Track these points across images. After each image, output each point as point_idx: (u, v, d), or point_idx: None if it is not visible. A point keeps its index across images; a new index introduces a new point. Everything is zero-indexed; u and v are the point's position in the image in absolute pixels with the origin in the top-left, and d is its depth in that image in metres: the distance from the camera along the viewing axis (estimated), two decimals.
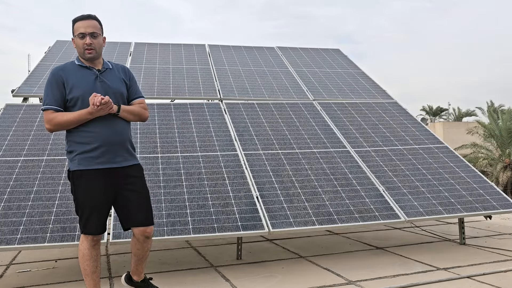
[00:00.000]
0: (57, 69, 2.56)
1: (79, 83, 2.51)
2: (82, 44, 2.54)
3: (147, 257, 2.73)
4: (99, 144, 2.48)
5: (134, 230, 2.60)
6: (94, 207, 2.48)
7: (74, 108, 2.50)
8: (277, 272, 3.49)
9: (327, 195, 3.93)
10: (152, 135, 4.52)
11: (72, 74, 2.53)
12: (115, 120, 2.55)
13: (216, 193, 3.77)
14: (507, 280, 3.13)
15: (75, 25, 2.58)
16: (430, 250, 4.05)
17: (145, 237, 2.60)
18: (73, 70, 2.55)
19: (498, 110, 25.43)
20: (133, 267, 2.73)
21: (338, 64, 7.10)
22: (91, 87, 2.53)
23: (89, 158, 2.47)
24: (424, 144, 4.95)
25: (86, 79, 2.54)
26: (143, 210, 2.58)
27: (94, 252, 2.49)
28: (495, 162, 21.01)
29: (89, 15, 2.59)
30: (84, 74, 2.55)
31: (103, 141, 2.49)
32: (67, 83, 2.50)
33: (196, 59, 6.72)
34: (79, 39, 2.55)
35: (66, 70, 2.55)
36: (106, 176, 2.50)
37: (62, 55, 6.39)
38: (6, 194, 3.52)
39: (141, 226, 2.57)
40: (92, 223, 2.48)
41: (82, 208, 2.49)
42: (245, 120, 5.02)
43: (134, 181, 2.59)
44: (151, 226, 2.62)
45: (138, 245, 2.63)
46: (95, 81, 2.55)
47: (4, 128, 4.43)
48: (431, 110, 39.24)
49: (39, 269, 3.75)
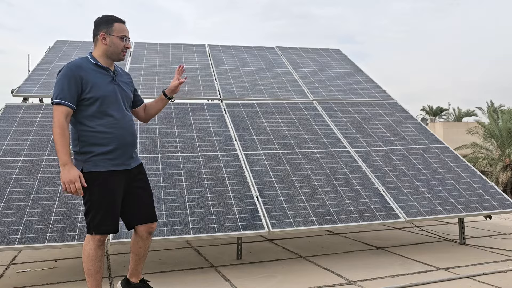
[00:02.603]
0: (74, 65, 2.48)
1: (99, 83, 2.50)
2: (122, 46, 2.58)
3: (146, 256, 2.75)
4: (115, 146, 2.50)
5: (140, 228, 2.63)
6: (112, 207, 2.49)
7: (91, 107, 2.47)
8: (277, 272, 3.49)
9: (327, 195, 3.93)
10: (152, 135, 4.52)
11: (90, 73, 2.50)
12: (129, 121, 2.59)
13: (216, 193, 3.77)
14: (507, 280, 3.13)
15: (117, 25, 2.58)
16: (430, 250, 4.05)
17: (148, 234, 2.65)
18: (90, 69, 2.52)
19: (498, 110, 25.43)
20: (132, 268, 2.73)
21: (338, 64, 7.10)
22: (110, 89, 2.54)
23: (106, 160, 2.48)
24: (424, 144, 4.95)
25: (104, 80, 2.54)
26: (150, 207, 2.67)
27: (99, 253, 2.50)
28: (495, 162, 21.00)
29: (124, 20, 2.66)
30: (102, 75, 2.55)
31: (119, 143, 2.52)
32: (86, 81, 2.47)
33: (196, 59, 6.72)
34: (120, 40, 2.57)
35: (83, 68, 2.50)
36: (120, 177, 2.54)
37: (62, 55, 6.39)
38: (6, 194, 3.52)
39: (148, 222, 2.64)
40: (108, 223, 2.48)
41: (97, 208, 2.46)
42: (245, 120, 5.02)
43: (140, 179, 2.66)
44: (155, 222, 2.70)
45: (140, 242, 2.65)
46: (111, 83, 2.57)
47: (4, 128, 4.43)
48: (431, 110, 39.25)
49: (39, 269, 3.75)
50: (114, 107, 2.53)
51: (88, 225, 2.49)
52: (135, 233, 2.66)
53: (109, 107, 2.51)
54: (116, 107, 2.54)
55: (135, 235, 2.66)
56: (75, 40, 7.06)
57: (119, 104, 2.57)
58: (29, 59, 22.58)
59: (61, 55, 6.40)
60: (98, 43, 2.59)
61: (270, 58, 7.08)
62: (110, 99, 2.52)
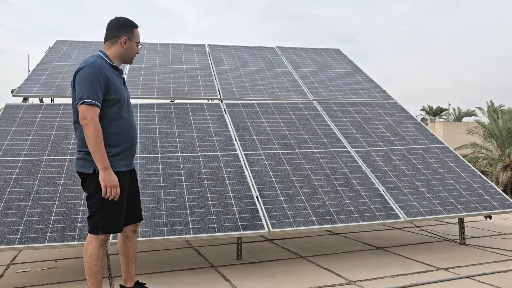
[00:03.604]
0: (99, 65, 2.47)
1: (118, 85, 2.55)
2: (135, 52, 2.67)
3: (136, 257, 2.78)
4: (125, 147, 2.54)
5: (127, 228, 2.67)
6: (121, 207, 2.52)
7: (112, 108, 2.49)
8: (277, 272, 3.49)
9: (327, 195, 3.93)
10: (152, 135, 4.52)
11: (111, 74, 2.53)
12: (134, 122, 2.66)
13: (216, 193, 3.77)
14: (507, 280, 3.13)
15: (136, 31, 2.66)
16: (430, 250, 4.05)
17: (133, 232, 2.72)
18: (110, 70, 2.54)
19: (498, 110, 25.43)
20: (125, 272, 2.74)
21: (338, 64, 7.10)
22: (123, 91, 2.60)
23: (118, 161, 2.50)
24: (424, 144, 4.95)
25: (119, 82, 2.59)
26: (139, 207, 2.76)
27: (102, 252, 2.51)
28: (495, 162, 21.00)
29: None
30: (117, 77, 2.59)
31: (129, 144, 2.57)
32: (110, 82, 2.49)
33: (196, 59, 6.72)
34: (136, 45, 2.66)
35: (105, 68, 2.50)
36: (128, 177, 2.60)
37: (62, 55, 6.39)
38: (6, 194, 3.52)
39: (136, 222, 2.72)
40: (116, 222, 2.51)
41: (108, 208, 2.46)
42: (245, 120, 5.02)
43: (135, 180, 2.73)
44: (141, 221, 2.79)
45: (127, 242, 2.69)
46: (123, 85, 2.63)
47: (4, 128, 4.43)
48: (431, 110, 39.24)
49: (39, 269, 3.75)
50: (126, 109, 2.58)
51: (94, 225, 2.47)
52: (121, 234, 2.68)
53: (122, 109, 2.55)
54: (127, 109, 2.60)
55: (122, 236, 2.69)
56: (75, 40, 7.06)
57: (129, 105, 2.64)
58: (29, 59, 22.58)
59: (61, 55, 6.40)
60: (116, 45, 2.60)
61: (270, 58, 7.08)
62: (124, 102, 2.58)
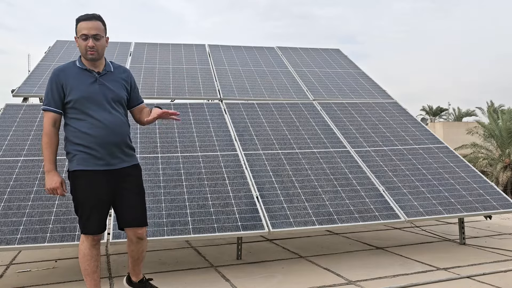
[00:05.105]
0: (58, 70, 2.56)
1: (78, 86, 2.52)
2: (85, 46, 2.52)
3: (143, 258, 2.73)
4: (97, 146, 2.49)
5: (127, 231, 2.61)
6: (93, 207, 2.48)
7: (72, 110, 2.51)
8: (277, 272, 3.49)
9: (327, 195, 3.93)
10: (152, 135, 4.52)
11: (71, 76, 2.53)
12: (114, 121, 2.54)
13: (216, 193, 3.77)
14: (507, 280, 3.13)
15: (79, 25, 2.55)
16: (430, 250, 4.05)
17: (137, 238, 2.60)
18: (73, 72, 2.55)
19: (498, 110, 25.43)
20: (130, 268, 2.74)
21: (338, 64, 7.10)
22: (91, 90, 2.53)
23: (87, 159, 2.48)
24: (424, 144, 4.95)
25: (85, 81, 2.54)
26: (135, 210, 2.58)
27: (94, 252, 2.50)
28: (495, 162, 21.01)
29: (93, 15, 2.56)
30: (84, 77, 2.55)
31: (101, 143, 2.49)
32: (66, 85, 2.51)
33: (196, 59, 6.72)
34: (82, 40, 2.52)
35: (66, 71, 2.55)
36: (105, 176, 2.51)
37: (62, 55, 6.39)
38: (6, 194, 3.52)
39: (132, 226, 2.58)
40: (92, 223, 2.48)
41: (82, 208, 2.49)
42: (245, 120, 5.02)
43: (130, 180, 2.60)
44: (143, 227, 2.61)
45: (131, 246, 2.64)
46: (93, 84, 2.55)
47: (4, 128, 4.43)
48: (431, 110, 39.24)
49: (39, 269, 3.75)
50: (95, 108, 2.51)
51: (79, 224, 2.51)
52: (127, 236, 2.65)
53: (89, 108, 2.50)
54: (97, 108, 2.51)
55: (127, 238, 2.65)
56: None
57: (102, 104, 2.53)
58: (29, 59, 22.56)
59: (61, 55, 6.40)
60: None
61: (270, 58, 7.08)
62: (91, 100, 2.51)
